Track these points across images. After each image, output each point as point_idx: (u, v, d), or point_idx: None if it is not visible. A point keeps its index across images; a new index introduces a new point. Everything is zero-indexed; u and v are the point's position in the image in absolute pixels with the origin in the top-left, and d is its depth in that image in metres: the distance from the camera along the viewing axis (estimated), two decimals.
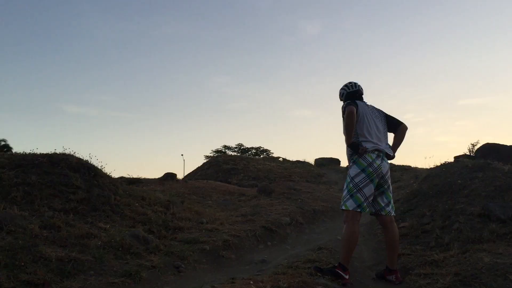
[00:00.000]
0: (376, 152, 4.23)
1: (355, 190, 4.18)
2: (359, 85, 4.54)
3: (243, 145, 35.37)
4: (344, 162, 23.13)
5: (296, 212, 7.59)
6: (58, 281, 3.81)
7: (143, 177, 12.12)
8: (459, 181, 6.49)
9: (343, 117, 4.32)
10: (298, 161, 22.75)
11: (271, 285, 3.54)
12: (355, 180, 4.21)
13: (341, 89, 4.59)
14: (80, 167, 6.18)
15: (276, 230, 6.57)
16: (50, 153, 6.32)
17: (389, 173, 4.39)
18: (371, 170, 4.17)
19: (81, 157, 6.51)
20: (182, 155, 17.91)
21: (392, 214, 4.41)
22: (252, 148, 34.88)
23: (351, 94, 4.49)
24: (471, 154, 18.81)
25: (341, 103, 4.61)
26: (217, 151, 35.15)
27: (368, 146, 4.20)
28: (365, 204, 4.18)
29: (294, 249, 5.86)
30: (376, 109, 4.50)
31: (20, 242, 4.26)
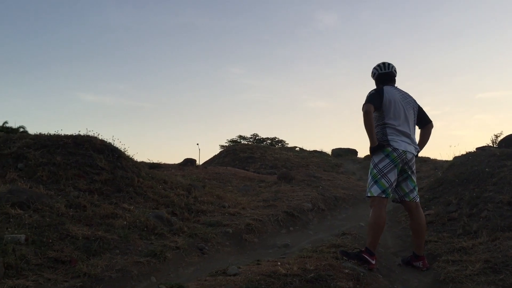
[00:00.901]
0: (405, 139, 4.14)
1: (379, 176, 4.09)
2: (392, 66, 4.39)
3: (258, 135, 35.32)
4: (361, 153, 23.06)
5: (317, 199, 7.54)
6: (84, 258, 3.84)
7: (162, 162, 12.20)
8: (486, 169, 6.34)
9: (365, 101, 4.22)
10: (315, 151, 22.65)
11: (298, 267, 3.50)
12: (379, 165, 4.11)
13: (374, 68, 4.44)
14: (104, 148, 6.21)
15: (298, 216, 6.53)
16: (74, 134, 6.36)
17: (414, 160, 4.30)
18: (396, 155, 4.08)
19: (104, 139, 6.54)
20: (197, 144, 17.90)
21: (417, 200, 4.31)
22: (267, 138, 34.78)
23: (383, 76, 4.37)
24: (494, 146, 18.51)
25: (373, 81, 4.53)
26: (232, 141, 35.21)
27: (396, 145, 4.09)
28: (389, 189, 4.10)
29: (317, 235, 5.81)
30: (410, 96, 4.36)
31: (47, 220, 4.30)
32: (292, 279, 3.30)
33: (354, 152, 23.39)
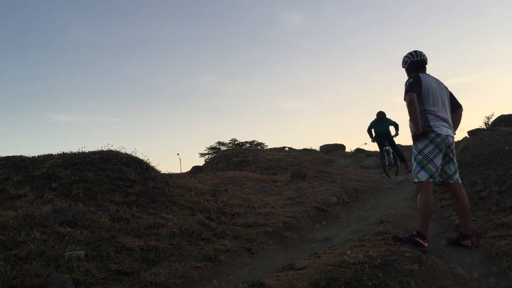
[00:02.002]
0: (445, 124, 4.26)
1: (425, 161, 4.20)
2: (424, 55, 4.51)
3: (236, 140, 35.39)
4: (349, 147, 23.38)
5: (340, 192, 7.63)
6: (145, 268, 3.87)
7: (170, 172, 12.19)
8: (506, 147, 6.49)
9: (405, 91, 4.32)
10: (305, 149, 22.85)
11: (363, 255, 3.58)
12: (424, 151, 4.22)
13: (405, 56, 4.55)
14: (131, 161, 6.23)
15: (327, 210, 6.61)
16: (98, 150, 6.36)
17: (454, 143, 4.42)
18: (439, 140, 4.19)
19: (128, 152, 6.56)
20: (178, 154, 17.92)
21: (459, 182, 4.43)
22: (246, 142, 34.83)
23: (415, 64, 4.48)
24: (487, 127, 18.89)
25: (403, 70, 4.64)
26: (211, 148, 35.30)
27: (438, 130, 4.20)
28: (436, 174, 4.21)
29: (351, 226, 5.90)
30: (442, 82, 4.49)
31: (98, 235, 4.32)
32: (362, 266, 3.38)
33: (342, 147, 23.68)
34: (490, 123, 19.37)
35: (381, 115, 11.57)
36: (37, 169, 5.73)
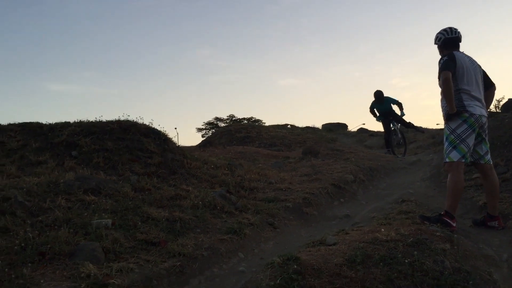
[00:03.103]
0: (478, 103, 4.17)
1: (457, 141, 4.12)
2: (459, 32, 4.38)
3: (234, 116, 35.20)
4: (351, 126, 23.33)
5: (356, 170, 7.58)
6: (172, 239, 3.85)
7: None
8: None
9: (439, 69, 4.22)
10: (308, 127, 22.78)
11: (396, 233, 3.55)
12: (457, 131, 4.14)
13: (439, 33, 4.42)
14: (150, 132, 6.16)
15: (344, 187, 6.58)
16: (116, 120, 6.29)
17: (487, 124, 4.34)
18: (473, 120, 4.11)
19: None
20: (175, 128, 17.83)
21: (491, 162, 4.37)
22: (244, 118, 34.60)
23: (449, 41, 4.36)
24: (497, 110, 18.83)
25: (435, 47, 4.52)
26: (209, 123, 35.20)
27: (472, 110, 4.11)
28: (468, 154, 4.14)
29: (370, 204, 5.86)
30: (475, 61, 4.37)
31: (122, 204, 4.30)
32: (395, 244, 3.34)
33: (344, 126, 23.62)
34: (500, 106, 19.34)
35: (377, 94, 11.32)
36: (56, 137, 5.68)
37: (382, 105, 11.40)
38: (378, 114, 11.59)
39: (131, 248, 3.57)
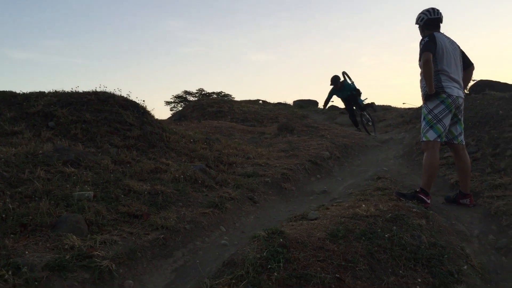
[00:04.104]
0: (456, 85, 4.28)
1: (434, 121, 4.24)
2: (440, 13, 4.44)
3: (204, 90, 34.95)
4: (322, 103, 23.54)
5: (332, 147, 7.70)
6: (155, 212, 3.86)
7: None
8: (500, 111, 6.63)
9: (420, 50, 4.29)
10: (279, 103, 22.90)
11: (375, 209, 3.66)
12: (434, 111, 4.25)
13: (421, 13, 4.46)
14: (128, 105, 6.08)
15: (321, 164, 6.69)
16: (93, 91, 6.17)
17: (463, 105, 4.46)
18: (450, 101, 4.22)
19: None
20: (143, 101, 17.57)
21: (463, 143, 4.52)
22: (213, 93, 34.39)
23: (431, 21, 4.42)
24: (466, 91, 19.33)
25: (416, 27, 4.59)
26: (177, 97, 34.88)
27: (450, 91, 4.21)
28: (444, 134, 4.27)
29: (346, 181, 6.00)
30: (455, 42, 4.46)
31: (103, 176, 4.26)
32: (375, 219, 3.46)
33: (315, 103, 23.79)
34: (468, 88, 19.82)
35: (334, 79, 11.55)
36: (32, 107, 5.54)
37: (341, 92, 11.67)
38: (328, 105, 12.03)
39: (113, 221, 3.57)
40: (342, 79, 11.65)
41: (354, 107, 11.93)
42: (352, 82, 11.94)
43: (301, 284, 2.55)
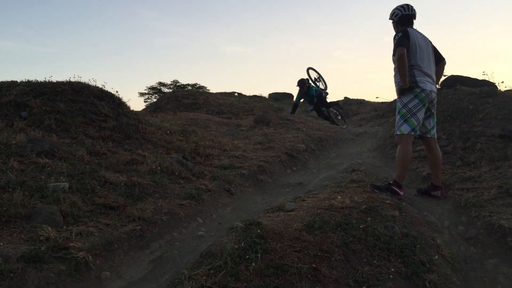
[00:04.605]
0: (429, 79, 4.39)
1: (409, 115, 4.35)
2: (414, 9, 4.53)
3: (178, 82, 34.71)
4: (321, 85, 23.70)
5: (307, 140, 7.78)
6: (131, 203, 3.85)
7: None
8: (470, 106, 6.81)
9: (394, 45, 4.37)
10: (255, 96, 22.96)
11: (350, 200, 3.73)
12: (408, 105, 4.35)
13: (396, 9, 4.54)
14: (104, 95, 6.00)
15: (297, 156, 6.75)
16: (68, 81, 6.06)
17: (436, 99, 4.58)
18: (424, 95, 4.33)
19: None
20: (117, 92, 17.36)
21: (435, 136, 4.64)
22: (188, 84, 34.16)
23: (405, 17, 4.50)
24: (438, 86, 19.74)
25: (390, 22, 4.67)
26: (152, 88, 34.61)
27: (423, 86, 4.32)
28: (417, 127, 4.38)
29: (322, 173, 6.07)
30: (427, 38, 4.56)
31: (78, 168, 4.22)
32: (350, 211, 3.53)
33: (290, 96, 23.95)
34: (440, 83, 20.24)
35: (301, 82, 12.11)
36: (4, 96, 5.41)
37: (308, 95, 12.16)
38: (295, 110, 12.90)
39: (89, 212, 3.55)
40: (308, 77, 12.21)
41: (321, 107, 12.42)
42: (319, 77, 12.39)
43: (278, 274, 2.60)
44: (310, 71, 13.22)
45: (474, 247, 3.54)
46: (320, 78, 13.64)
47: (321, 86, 13.31)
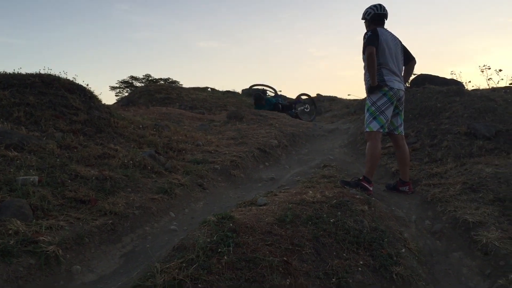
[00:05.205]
0: (397, 78, 4.51)
1: (377, 113, 4.46)
2: (386, 10, 4.64)
3: (151, 76, 34.42)
4: (270, 92, 23.87)
5: (280, 136, 7.84)
6: (102, 197, 3.82)
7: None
8: (438, 104, 7.00)
9: (364, 44, 4.47)
10: (228, 91, 22.94)
11: (321, 195, 3.80)
12: (377, 103, 4.47)
13: (369, 8, 4.64)
14: (75, 88, 5.90)
15: (269, 152, 6.81)
16: (38, 73, 5.94)
17: (404, 97, 4.70)
18: (392, 93, 4.45)
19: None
20: (87, 85, 17.20)
21: (403, 133, 4.77)
22: (161, 79, 33.88)
23: (377, 17, 4.60)
24: (407, 85, 20.15)
25: (362, 22, 4.76)
26: (123, 82, 34.26)
27: (391, 85, 4.43)
28: (386, 124, 4.49)
29: (294, 168, 6.14)
30: (396, 37, 4.68)
31: (48, 161, 4.16)
32: (321, 205, 3.60)
33: (264, 92, 24.01)
34: (409, 82, 20.64)
35: (258, 99, 12.61)
36: None
37: (267, 106, 12.56)
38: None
39: (60, 206, 3.51)
40: (263, 88, 12.73)
41: (292, 111, 12.90)
42: (263, 89, 12.96)
43: (250, 267, 2.63)
44: (254, 87, 13.77)
45: (440, 241, 3.67)
46: (264, 89, 14.19)
47: (271, 94, 13.80)
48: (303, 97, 13.72)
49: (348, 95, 23.41)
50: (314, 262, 2.88)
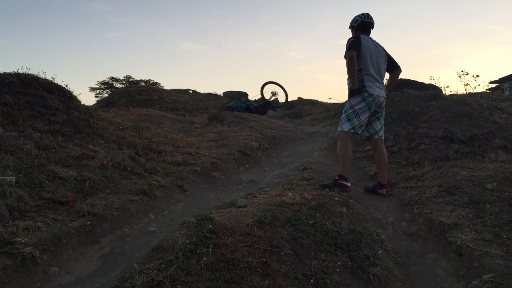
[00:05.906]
0: (378, 84, 4.61)
1: (353, 115, 4.59)
2: (373, 19, 4.78)
3: (131, 77, 34.25)
4: (251, 95, 24.13)
5: (261, 138, 7.88)
6: (81, 199, 3.79)
7: None
8: (416, 108, 7.13)
9: (346, 49, 4.57)
10: (209, 94, 22.97)
11: (300, 197, 3.84)
12: (355, 107, 4.59)
13: (357, 16, 4.79)
14: (53, 88, 5.83)
15: (250, 154, 6.83)
16: (16, 72, 5.86)
17: (384, 103, 4.79)
18: (371, 99, 4.57)
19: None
20: (66, 85, 17.18)
21: (382, 138, 4.87)
22: (142, 80, 33.76)
23: (364, 24, 4.74)
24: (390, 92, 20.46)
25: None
26: (103, 83, 34.03)
27: (371, 91, 4.54)
28: (358, 127, 4.59)
29: (274, 171, 6.18)
30: (380, 46, 4.79)
31: (26, 162, 4.10)
32: (300, 207, 3.63)
33: (245, 94, 24.12)
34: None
35: (227, 108, 13.44)
36: None
37: (240, 111, 13.45)
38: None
39: (37, 207, 3.47)
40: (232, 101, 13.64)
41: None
42: (284, 91, 13.84)
43: (229, 268, 2.65)
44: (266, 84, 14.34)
45: (416, 242, 3.74)
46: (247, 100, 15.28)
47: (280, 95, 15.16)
48: (268, 85, 14.86)
49: (329, 98, 23.70)
50: (293, 263, 2.91)
